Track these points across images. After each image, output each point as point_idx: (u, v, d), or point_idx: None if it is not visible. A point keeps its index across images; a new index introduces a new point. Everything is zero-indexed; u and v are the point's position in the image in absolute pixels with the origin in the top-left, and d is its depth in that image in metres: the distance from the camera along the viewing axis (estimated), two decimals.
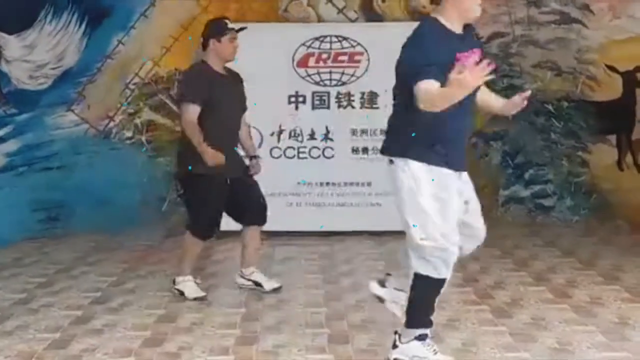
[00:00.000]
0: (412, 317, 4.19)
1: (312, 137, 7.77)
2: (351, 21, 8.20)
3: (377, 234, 7.56)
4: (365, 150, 7.75)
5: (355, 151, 7.76)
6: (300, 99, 7.76)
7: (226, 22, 5.58)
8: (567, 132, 8.33)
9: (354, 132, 7.75)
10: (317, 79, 7.75)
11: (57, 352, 4.57)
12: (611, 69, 8.05)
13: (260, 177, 5.80)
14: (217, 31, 5.51)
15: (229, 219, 5.76)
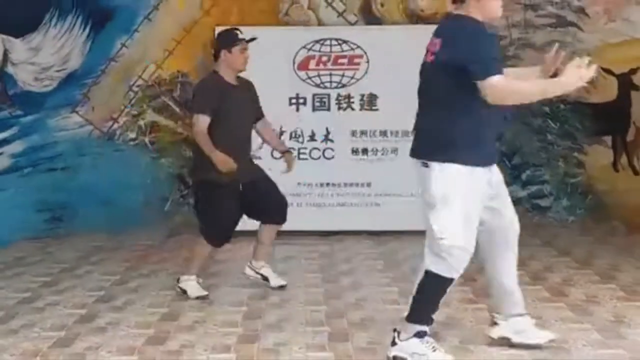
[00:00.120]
0: (415, 312, 4.21)
1: (312, 138, 7.81)
2: (351, 24, 8.20)
3: (376, 233, 7.61)
4: (365, 151, 7.79)
5: (355, 152, 7.80)
6: (301, 100, 7.81)
7: (237, 32, 5.60)
8: (564, 134, 8.33)
9: (353, 133, 7.79)
10: (317, 82, 7.80)
11: (61, 351, 4.58)
12: (607, 71, 8.01)
13: None
14: (227, 42, 5.54)
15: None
